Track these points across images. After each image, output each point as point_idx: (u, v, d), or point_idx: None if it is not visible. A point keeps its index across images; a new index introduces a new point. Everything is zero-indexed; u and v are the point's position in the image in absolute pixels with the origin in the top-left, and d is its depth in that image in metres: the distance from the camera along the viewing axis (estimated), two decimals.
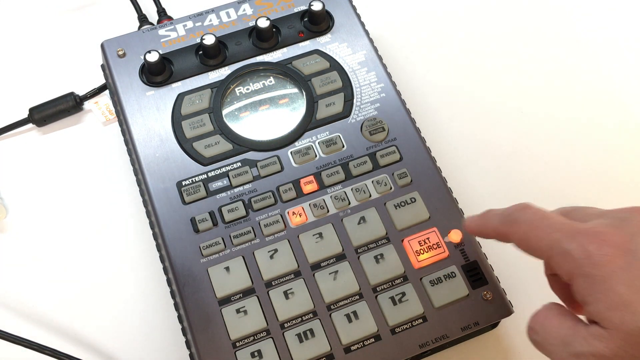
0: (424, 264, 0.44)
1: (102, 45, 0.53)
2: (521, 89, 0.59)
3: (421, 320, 0.42)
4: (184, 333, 0.43)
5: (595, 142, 0.56)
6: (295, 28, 0.53)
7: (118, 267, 0.50)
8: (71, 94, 0.57)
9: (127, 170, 0.52)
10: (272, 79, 0.51)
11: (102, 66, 0.54)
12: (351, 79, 0.51)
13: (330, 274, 0.43)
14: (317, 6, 0.52)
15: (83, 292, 0.49)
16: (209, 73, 0.51)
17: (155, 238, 0.46)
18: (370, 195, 0.46)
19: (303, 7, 0.54)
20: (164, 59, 0.51)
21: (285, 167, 0.47)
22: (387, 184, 0.47)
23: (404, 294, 0.43)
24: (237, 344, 0.41)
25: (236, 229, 0.45)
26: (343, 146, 0.48)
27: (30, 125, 0.57)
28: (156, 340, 0.47)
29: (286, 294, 0.43)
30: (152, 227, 0.47)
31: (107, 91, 0.56)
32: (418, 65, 0.60)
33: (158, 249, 0.46)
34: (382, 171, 0.47)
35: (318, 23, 0.53)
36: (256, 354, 0.41)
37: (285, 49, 0.52)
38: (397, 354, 0.41)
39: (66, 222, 0.52)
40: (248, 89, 0.51)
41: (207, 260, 0.44)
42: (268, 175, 0.47)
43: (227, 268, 0.43)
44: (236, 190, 0.47)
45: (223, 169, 0.47)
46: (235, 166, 0.47)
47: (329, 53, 0.52)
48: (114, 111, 0.54)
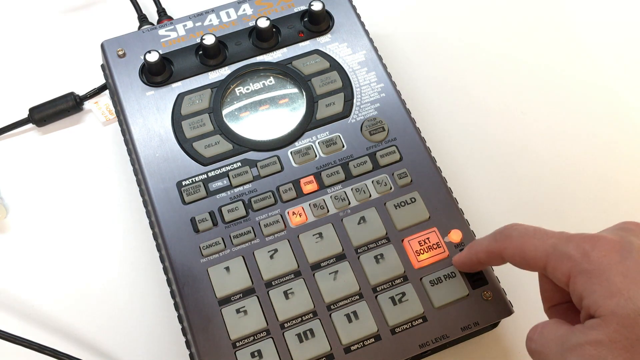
0: (424, 264, 0.44)
1: (102, 45, 0.53)
2: (521, 89, 0.59)
3: (421, 320, 0.42)
4: (184, 333, 0.43)
5: (595, 142, 0.56)
6: (295, 28, 0.53)
7: (118, 267, 0.50)
8: (71, 94, 0.57)
9: (127, 170, 0.52)
10: (272, 79, 0.51)
11: (102, 66, 0.54)
12: (351, 79, 0.51)
13: (330, 274, 0.43)
14: (317, 6, 0.52)
15: (83, 292, 0.49)
16: (209, 73, 0.51)
17: (155, 238, 0.46)
18: (370, 195, 0.46)
19: (303, 7, 0.54)
20: (164, 59, 0.51)
21: (285, 167, 0.47)
22: (387, 184, 0.47)
23: (404, 294, 0.43)
24: (237, 344, 0.41)
25: (236, 229, 0.45)
26: (343, 146, 0.48)
27: (30, 125, 0.57)
28: (156, 340, 0.47)
29: (286, 294, 0.43)
30: (152, 227, 0.47)
31: (107, 91, 0.56)
32: (418, 65, 0.60)
33: (158, 249, 0.46)
34: (382, 171, 0.47)
35: (318, 23, 0.53)
36: (256, 354, 0.41)
37: (285, 49, 0.52)
38: (397, 354, 0.41)
39: (66, 222, 0.52)
40: (248, 89, 0.51)
41: (207, 260, 0.44)
42: (268, 175, 0.47)
43: (227, 268, 0.43)
44: (236, 190, 0.47)
45: (223, 169, 0.47)
46: (235, 166, 0.47)
47: (329, 53, 0.52)
48: (114, 111, 0.54)
